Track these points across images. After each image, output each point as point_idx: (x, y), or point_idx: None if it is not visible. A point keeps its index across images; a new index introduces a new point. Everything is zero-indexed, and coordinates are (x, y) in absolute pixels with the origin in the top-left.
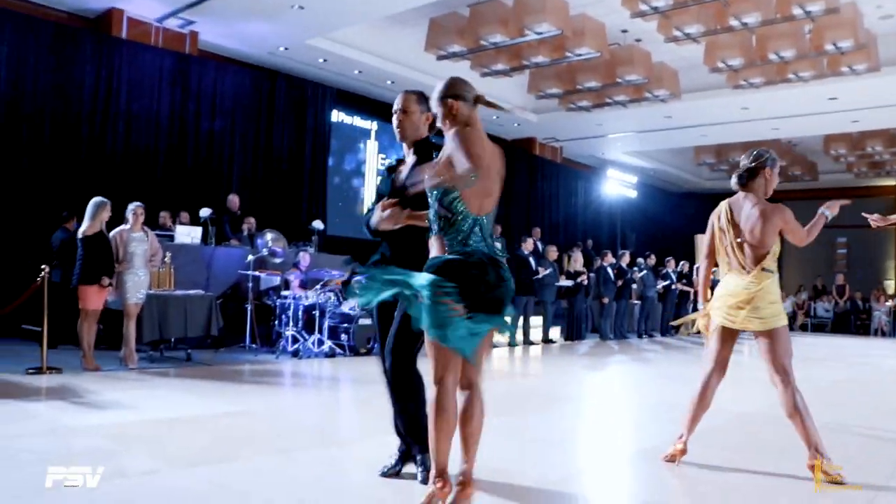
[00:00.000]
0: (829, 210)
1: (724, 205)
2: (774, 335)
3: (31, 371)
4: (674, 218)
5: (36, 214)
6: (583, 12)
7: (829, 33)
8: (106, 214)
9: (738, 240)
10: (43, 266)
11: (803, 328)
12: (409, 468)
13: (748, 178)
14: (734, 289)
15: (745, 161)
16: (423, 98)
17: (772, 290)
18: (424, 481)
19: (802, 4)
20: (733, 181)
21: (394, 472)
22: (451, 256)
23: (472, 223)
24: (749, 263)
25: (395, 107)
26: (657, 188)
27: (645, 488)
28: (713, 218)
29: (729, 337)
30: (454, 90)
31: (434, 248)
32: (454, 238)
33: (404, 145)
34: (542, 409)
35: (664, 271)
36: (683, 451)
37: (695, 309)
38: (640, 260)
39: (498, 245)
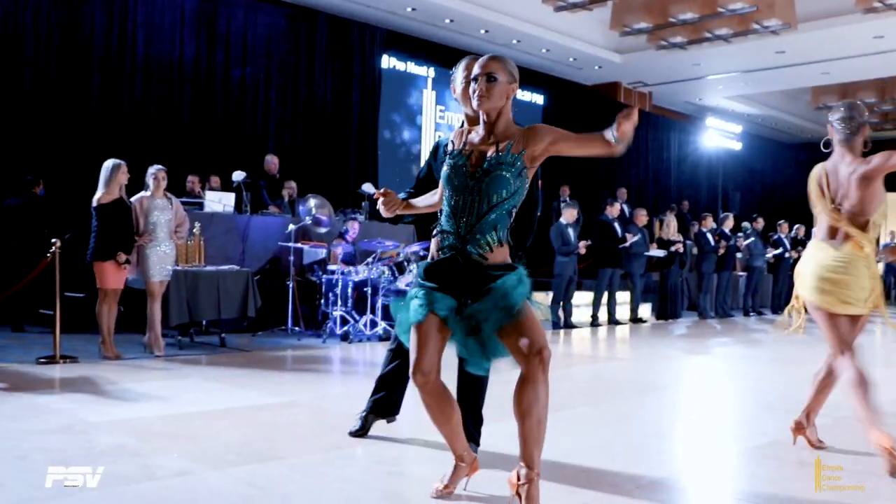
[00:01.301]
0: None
1: (819, 168)
2: None
3: (42, 360)
4: (787, 173)
5: (46, 179)
6: None
7: None
8: (123, 178)
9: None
10: (53, 240)
11: None
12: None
13: (852, 135)
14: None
15: (844, 113)
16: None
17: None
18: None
19: None
20: (838, 136)
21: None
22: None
23: None
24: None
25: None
26: (766, 139)
27: (753, 493)
28: (811, 184)
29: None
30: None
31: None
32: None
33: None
34: (632, 398)
35: (775, 237)
36: (801, 430)
37: None
38: (746, 224)
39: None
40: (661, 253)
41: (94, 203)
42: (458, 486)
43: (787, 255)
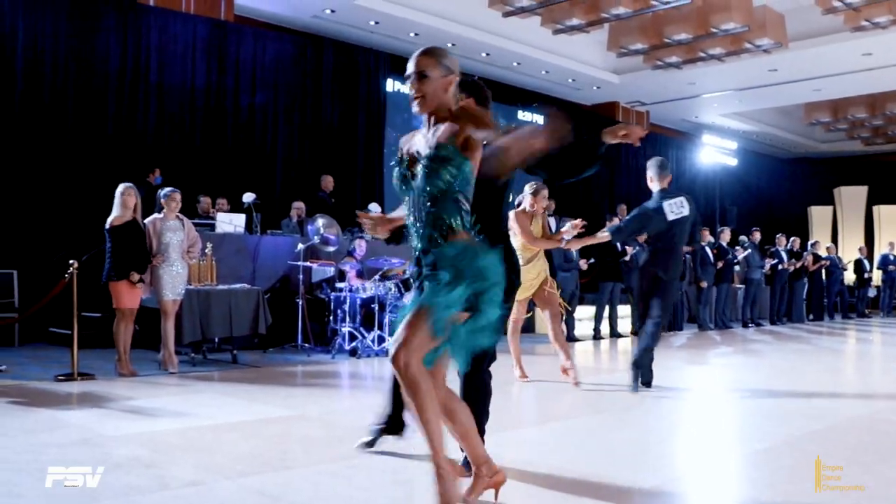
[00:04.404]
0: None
1: None
2: None
3: (60, 378)
4: (782, 188)
5: (63, 203)
6: None
7: None
8: (132, 201)
9: None
10: (71, 261)
11: None
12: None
13: None
14: None
15: None
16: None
17: None
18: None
19: None
20: None
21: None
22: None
23: None
24: None
25: None
26: (761, 154)
27: (751, 499)
28: None
29: None
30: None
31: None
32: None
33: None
34: (633, 407)
35: (772, 249)
36: None
37: (810, 293)
38: (744, 237)
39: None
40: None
41: (107, 225)
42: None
43: (782, 267)
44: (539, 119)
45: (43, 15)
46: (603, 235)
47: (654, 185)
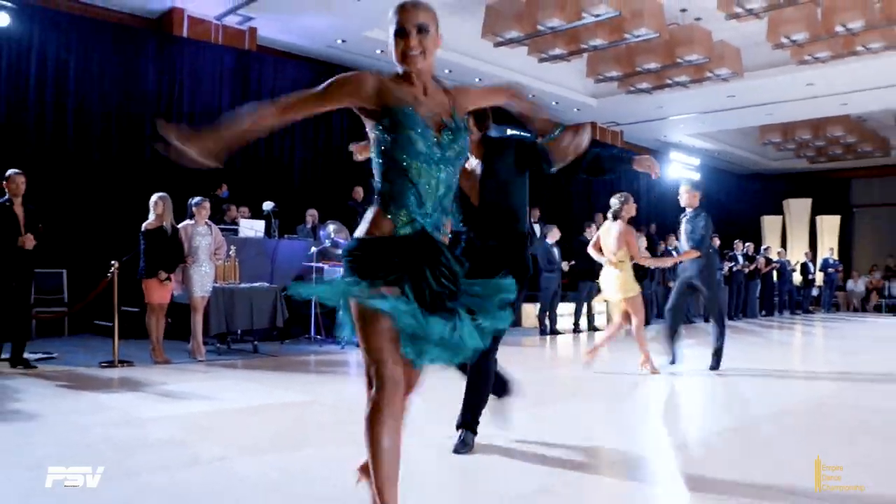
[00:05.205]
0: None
1: None
2: None
3: (104, 364)
4: (739, 200)
5: (106, 210)
6: None
7: None
8: (161, 209)
9: None
10: (112, 262)
11: (877, 309)
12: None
13: None
14: None
15: None
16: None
17: None
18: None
19: None
20: None
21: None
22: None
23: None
24: None
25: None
26: (721, 170)
27: (713, 470)
28: None
29: None
30: None
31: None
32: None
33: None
34: (609, 392)
35: (730, 254)
36: None
37: (763, 291)
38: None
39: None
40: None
41: (142, 229)
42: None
43: (738, 268)
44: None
45: (92, 46)
46: (693, 252)
47: (695, 201)
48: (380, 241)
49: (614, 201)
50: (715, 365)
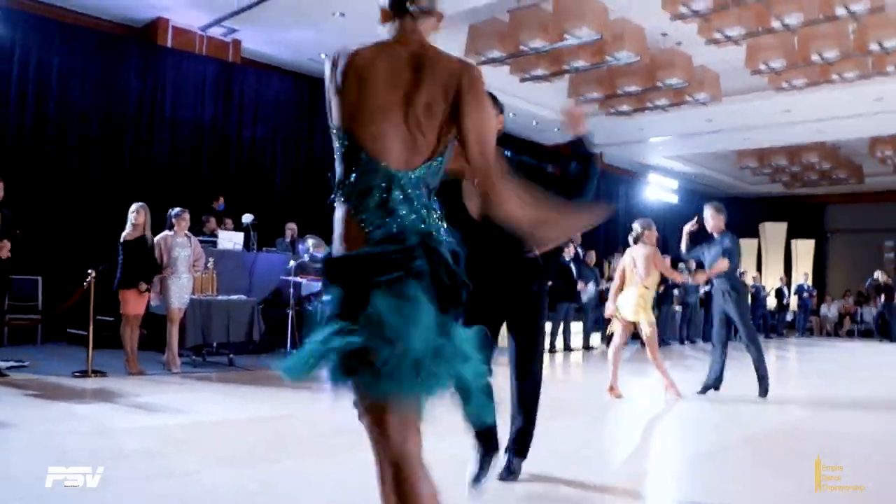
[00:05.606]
0: None
1: None
2: None
3: (77, 374)
4: None
5: (84, 218)
6: (622, 16)
7: (873, 33)
8: (141, 219)
9: None
10: (89, 271)
11: (850, 334)
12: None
13: None
14: None
15: None
16: None
17: None
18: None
19: (846, 4)
20: None
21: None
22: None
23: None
24: None
25: None
26: (699, 193)
27: (696, 493)
28: None
29: None
30: None
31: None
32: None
33: None
34: (586, 412)
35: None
36: None
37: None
38: (682, 265)
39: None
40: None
41: (121, 240)
42: None
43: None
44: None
45: (76, 53)
46: (724, 265)
47: (722, 224)
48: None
49: (636, 226)
50: (763, 392)
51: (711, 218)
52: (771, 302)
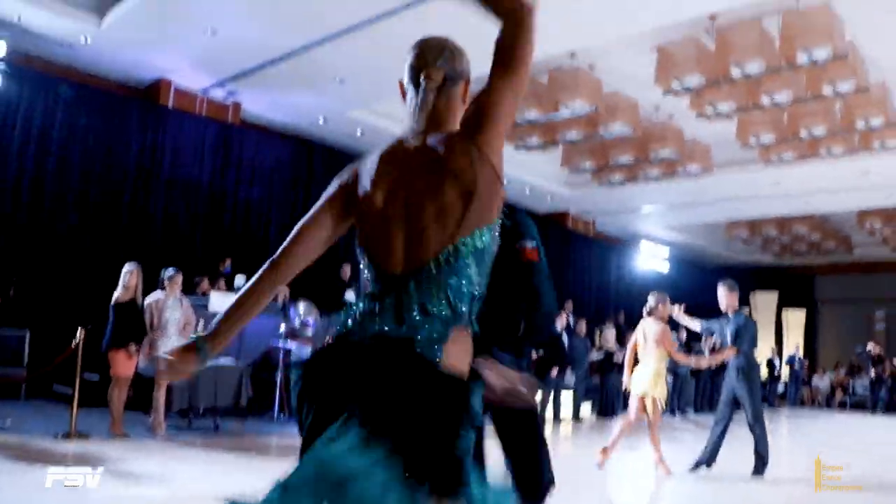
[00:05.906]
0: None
1: None
2: None
3: (60, 436)
4: (705, 293)
5: (78, 274)
6: (616, 90)
7: (859, 111)
8: (133, 282)
9: None
10: (79, 327)
11: (842, 406)
12: None
13: None
14: None
15: None
16: None
17: None
18: None
19: (833, 83)
20: None
21: None
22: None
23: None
24: None
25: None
26: (689, 262)
27: None
28: None
29: None
30: None
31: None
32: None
33: None
34: (578, 483)
35: (698, 347)
36: None
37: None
38: (673, 334)
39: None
40: (600, 357)
41: (112, 302)
42: None
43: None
44: None
45: (79, 110)
46: (732, 350)
47: (735, 302)
48: None
49: (651, 299)
50: (758, 469)
51: (725, 297)
52: (762, 373)
